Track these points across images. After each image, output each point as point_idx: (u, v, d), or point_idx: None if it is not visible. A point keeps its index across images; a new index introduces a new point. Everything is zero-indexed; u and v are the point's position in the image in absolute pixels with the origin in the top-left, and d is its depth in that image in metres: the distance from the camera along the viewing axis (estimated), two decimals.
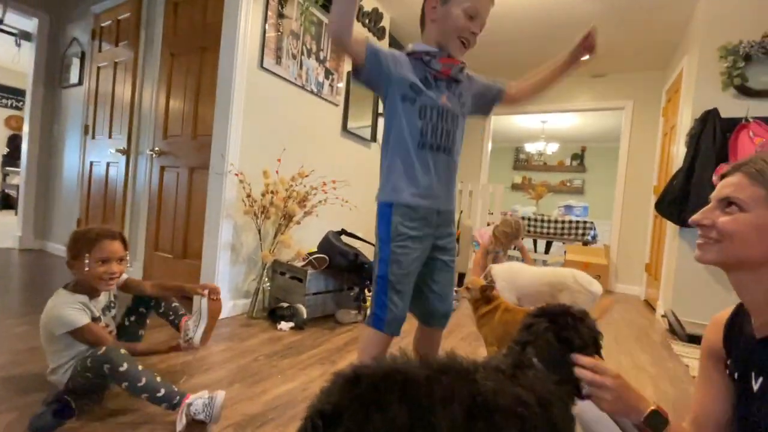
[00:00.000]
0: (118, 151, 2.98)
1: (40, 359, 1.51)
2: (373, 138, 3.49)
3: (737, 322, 0.77)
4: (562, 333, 0.75)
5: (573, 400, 0.74)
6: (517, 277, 2.23)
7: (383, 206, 1.16)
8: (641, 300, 4.04)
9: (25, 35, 3.79)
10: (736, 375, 0.73)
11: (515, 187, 8.30)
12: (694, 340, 2.52)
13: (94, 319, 1.30)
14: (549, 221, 6.02)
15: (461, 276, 3.82)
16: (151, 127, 2.81)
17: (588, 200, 7.14)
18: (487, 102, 1.29)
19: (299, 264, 2.41)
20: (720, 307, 0.83)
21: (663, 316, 2.98)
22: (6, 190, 6.70)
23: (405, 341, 1.84)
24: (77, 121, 3.44)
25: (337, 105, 2.99)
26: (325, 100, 2.86)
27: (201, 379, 1.49)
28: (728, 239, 0.67)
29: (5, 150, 6.81)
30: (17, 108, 6.94)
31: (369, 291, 2.62)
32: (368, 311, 2.52)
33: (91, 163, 3.29)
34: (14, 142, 6.69)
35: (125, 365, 1.14)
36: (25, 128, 3.62)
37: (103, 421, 1.18)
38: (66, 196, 3.53)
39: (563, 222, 5.92)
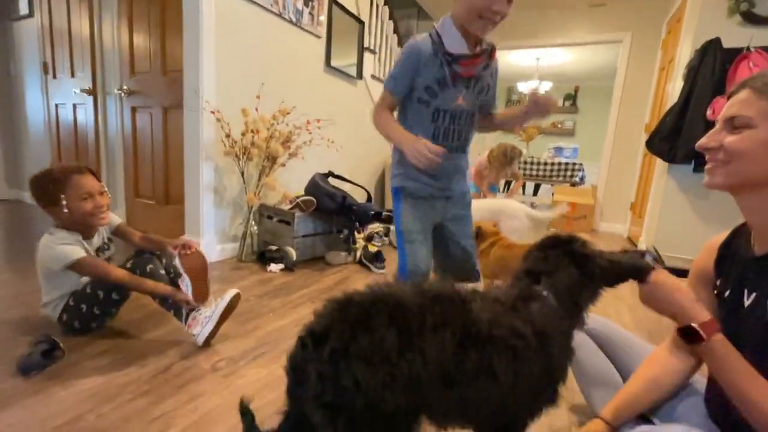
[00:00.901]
0: (83, 91, 2.75)
1: (25, 304, 1.50)
2: (359, 75, 3.29)
3: (734, 244, 0.77)
4: (582, 265, 0.71)
5: (573, 333, 0.72)
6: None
7: (394, 191, 1.26)
8: (624, 238, 4.16)
9: None
10: (726, 293, 0.73)
11: None
12: (673, 273, 2.62)
13: None
14: (538, 163, 6.00)
15: None
16: (116, 63, 2.58)
17: (578, 142, 7.09)
18: (483, 109, 1.27)
19: (286, 207, 2.36)
20: (701, 243, 0.85)
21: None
22: None
23: None
24: (34, 59, 3.14)
25: (319, 37, 2.76)
26: (306, 30, 2.63)
27: None
28: (737, 159, 0.64)
29: None
30: None
31: (359, 233, 2.62)
32: (358, 253, 2.52)
33: (57, 106, 3.06)
34: None
35: (164, 271, 1.35)
36: None
37: (93, 359, 1.18)
38: (34, 143, 3.33)
39: (552, 164, 5.91)
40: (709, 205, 2.77)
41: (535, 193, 6.53)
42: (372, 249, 2.42)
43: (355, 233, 2.54)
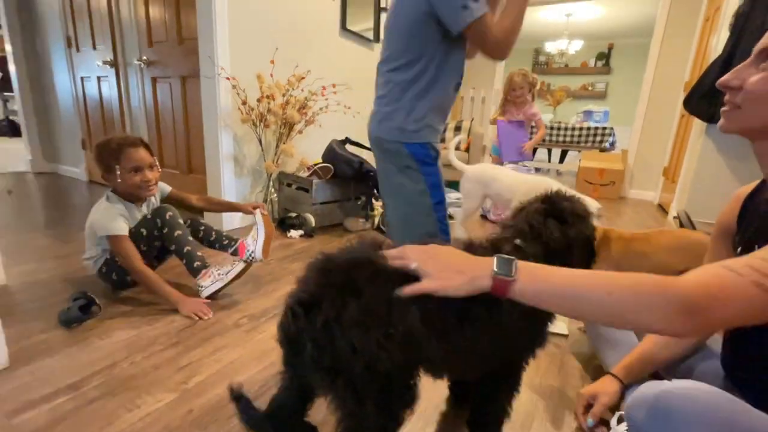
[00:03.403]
0: (105, 63, 2.81)
1: (63, 266, 1.61)
2: (377, 39, 3.19)
3: (759, 196, 0.72)
4: (552, 210, 0.73)
5: None
6: (493, 182, 2.05)
7: (421, 147, 1.15)
8: (654, 205, 3.98)
9: None
10: (739, 249, 0.70)
11: None
12: None
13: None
14: (565, 129, 5.73)
15: None
16: (135, 33, 2.60)
17: (610, 105, 6.71)
18: None
19: (304, 175, 2.38)
20: None
21: (675, 217, 2.95)
22: (10, 117, 6.62)
23: None
24: (57, 33, 3.20)
25: None
26: None
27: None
28: (752, 101, 0.57)
29: None
30: None
31: (376, 200, 2.62)
32: (376, 219, 2.52)
33: (82, 79, 3.14)
34: (2, 66, 6.39)
35: (182, 220, 1.42)
36: (7, 47, 3.40)
37: (126, 315, 1.27)
38: (65, 117, 3.45)
39: (581, 129, 5.63)
40: (748, 167, 2.59)
41: (562, 160, 6.30)
42: None
43: (373, 200, 2.55)
